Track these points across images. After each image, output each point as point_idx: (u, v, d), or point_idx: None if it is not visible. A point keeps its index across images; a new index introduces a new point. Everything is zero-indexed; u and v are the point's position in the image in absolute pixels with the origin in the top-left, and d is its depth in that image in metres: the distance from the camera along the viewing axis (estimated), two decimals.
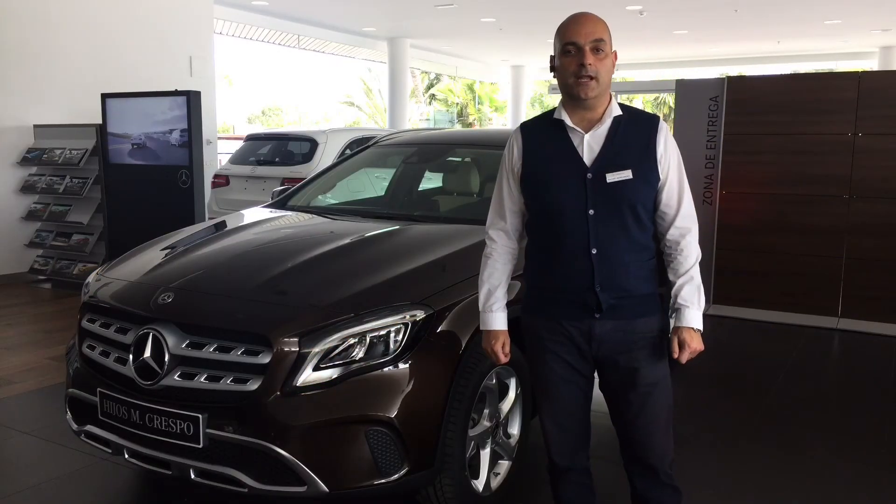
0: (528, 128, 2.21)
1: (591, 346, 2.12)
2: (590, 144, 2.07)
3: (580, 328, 2.11)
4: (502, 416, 2.89)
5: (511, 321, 2.26)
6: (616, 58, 2.10)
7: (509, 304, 2.26)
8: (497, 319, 2.23)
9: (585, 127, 2.08)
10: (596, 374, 2.25)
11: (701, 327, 2.13)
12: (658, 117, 2.15)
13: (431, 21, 15.84)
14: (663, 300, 2.19)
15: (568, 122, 2.09)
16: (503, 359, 2.24)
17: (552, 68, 2.12)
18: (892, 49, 19.01)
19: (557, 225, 2.09)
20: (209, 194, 7.83)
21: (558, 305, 2.12)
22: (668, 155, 2.10)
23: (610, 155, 2.06)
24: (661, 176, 2.09)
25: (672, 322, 2.17)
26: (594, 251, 2.05)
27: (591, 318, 2.09)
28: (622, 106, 2.12)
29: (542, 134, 2.15)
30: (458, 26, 16.69)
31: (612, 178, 2.04)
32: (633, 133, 2.09)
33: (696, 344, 2.12)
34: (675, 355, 2.12)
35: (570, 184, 2.06)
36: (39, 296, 6.93)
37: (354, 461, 2.40)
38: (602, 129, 2.08)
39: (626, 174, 2.04)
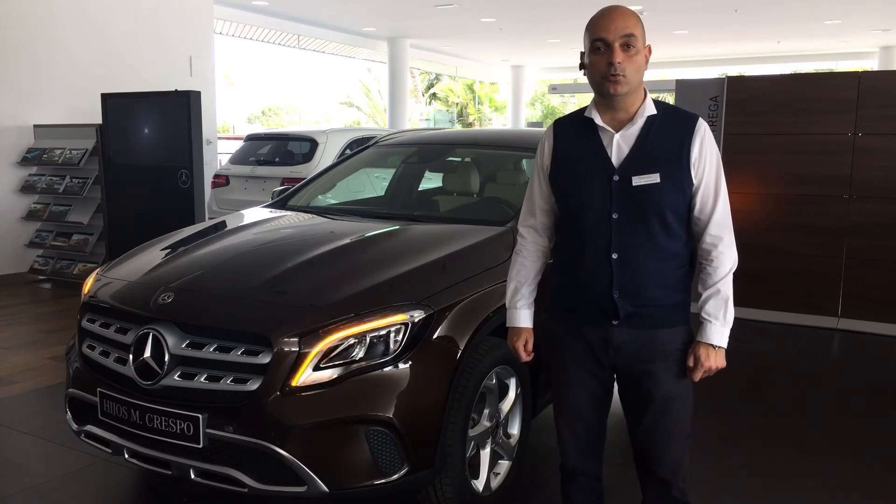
0: (560, 125, 2.14)
1: (609, 354, 2.06)
2: (619, 145, 1.98)
3: (598, 334, 2.05)
4: (502, 416, 2.89)
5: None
6: (650, 52, 2.00)
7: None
8: (522, 317, 2.20)
9: (616, 126, 2.00)
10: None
11: (724, 344, 2.02)
12: (697, 117, 2.01)
13: (431, 21, 15.84)
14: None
15: (598, 120, 2.00)
16: (525, 356, 2.22)
17: (581, 66, 2.01)
18: (892, 49, 19.01)
19: (580, 226, 2.03)
20: (209, 194, 7.83)
21: (578, 309, 2.08)
22: (704, 158, 1.98)
23: (639, 156, 1.96)
24: (693, 181, 1.98)
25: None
26: (614, 256, 1.98)
27: (608, 324, 2.02)
28: (659, 104, 2.02)
29: (574, 132, 2.08)
30: (458, 26, 16.69)
31: (638, 181, 1.94)
32: (667, 133, 1.98)
33: (712, 362, 2.01)
34: (689, 372, 2.04)
35: (595, 185, 1.98)
36: (39, 296, 6.92)
37: (354, 461, 2.40)
38: (633, 129, 1.98)
39: (654, 178, 1.93)
